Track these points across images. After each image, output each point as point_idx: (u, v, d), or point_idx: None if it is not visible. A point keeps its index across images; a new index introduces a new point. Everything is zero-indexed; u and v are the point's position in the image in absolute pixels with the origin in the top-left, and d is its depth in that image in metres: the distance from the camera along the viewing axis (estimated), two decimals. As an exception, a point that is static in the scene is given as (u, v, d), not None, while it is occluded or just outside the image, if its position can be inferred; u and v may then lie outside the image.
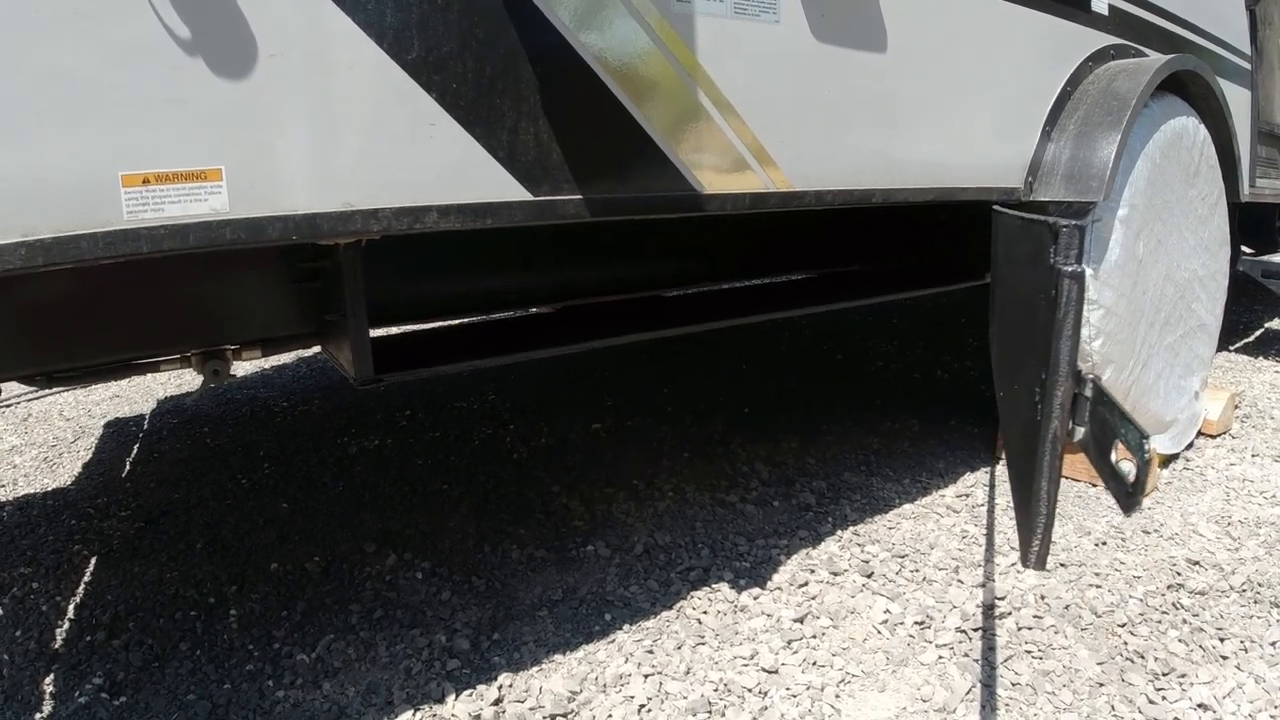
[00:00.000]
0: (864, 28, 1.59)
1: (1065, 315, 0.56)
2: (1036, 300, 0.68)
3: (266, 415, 3.22)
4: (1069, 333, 0.56)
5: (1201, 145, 2.43)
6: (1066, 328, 0.56)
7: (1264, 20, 3.46)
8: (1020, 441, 0.74)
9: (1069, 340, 0.55)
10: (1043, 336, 0.62)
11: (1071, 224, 0.59)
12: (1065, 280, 0.56)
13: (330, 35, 1.03)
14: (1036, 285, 0.67)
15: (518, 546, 1.98)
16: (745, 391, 3.28)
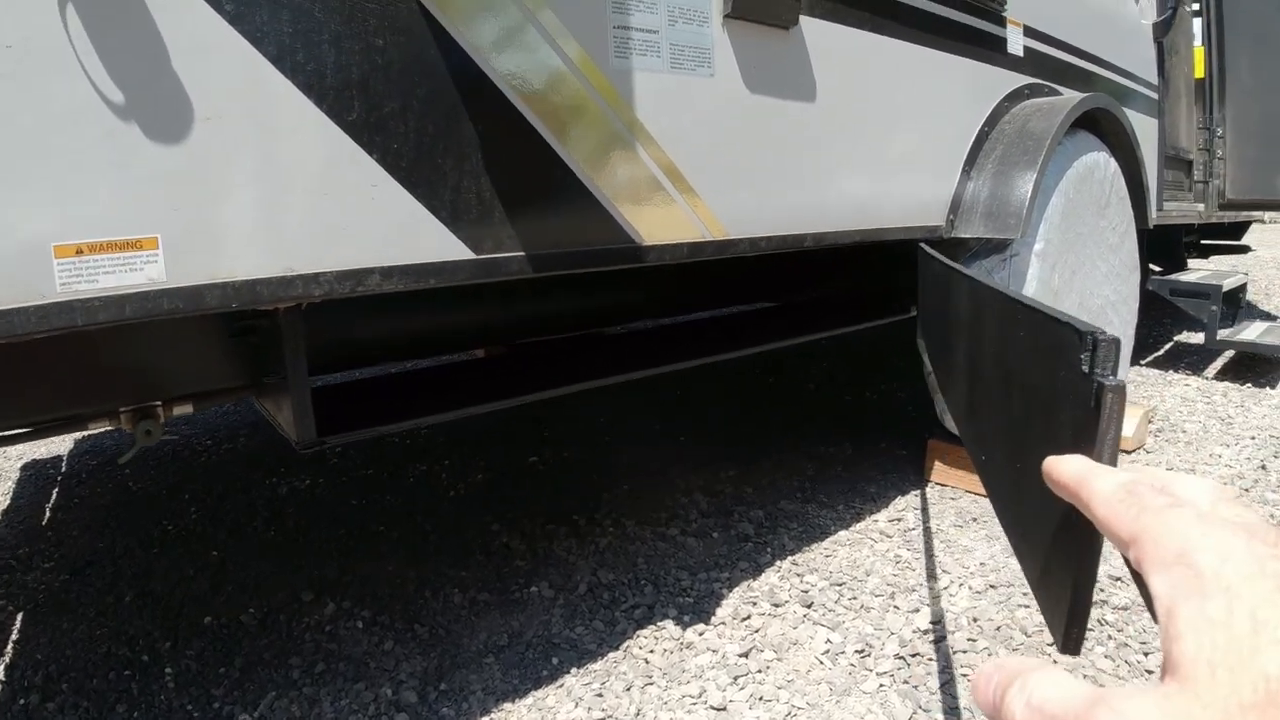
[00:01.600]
0: (794, 79, 1.64)
1: (1108, 426, 0.59)
2: (1061, 401, 0.70)
3: (190, 455, 3.13)
4: (1111, 440, 0.59)
5: (1112, 178, 2.55)
6: (1109, 437, 0.59)
7: (1171, 50, 3.66)
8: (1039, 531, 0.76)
9: (1112, 445, 0.59)
10: (1072, 436, 0.65)
11: (1109, 337, 0.61)
12: (1108, 394, 0.58)
13: (269, 97, 1.02)
14: (1062, 387, 0.69)
15: (459, 590, 1.97)
16: (682, 419, 3.31)
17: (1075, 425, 0.65)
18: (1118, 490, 0.43)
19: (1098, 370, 0.63)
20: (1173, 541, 0.37)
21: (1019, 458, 0.86)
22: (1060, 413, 0.70)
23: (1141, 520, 0.39)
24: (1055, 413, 0.72)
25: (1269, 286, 7.07)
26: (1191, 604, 0.33)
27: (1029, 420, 0.83)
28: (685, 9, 1.44)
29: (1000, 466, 0.98)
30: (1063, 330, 0.70)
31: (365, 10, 1.10)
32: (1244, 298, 4.31)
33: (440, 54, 1.17)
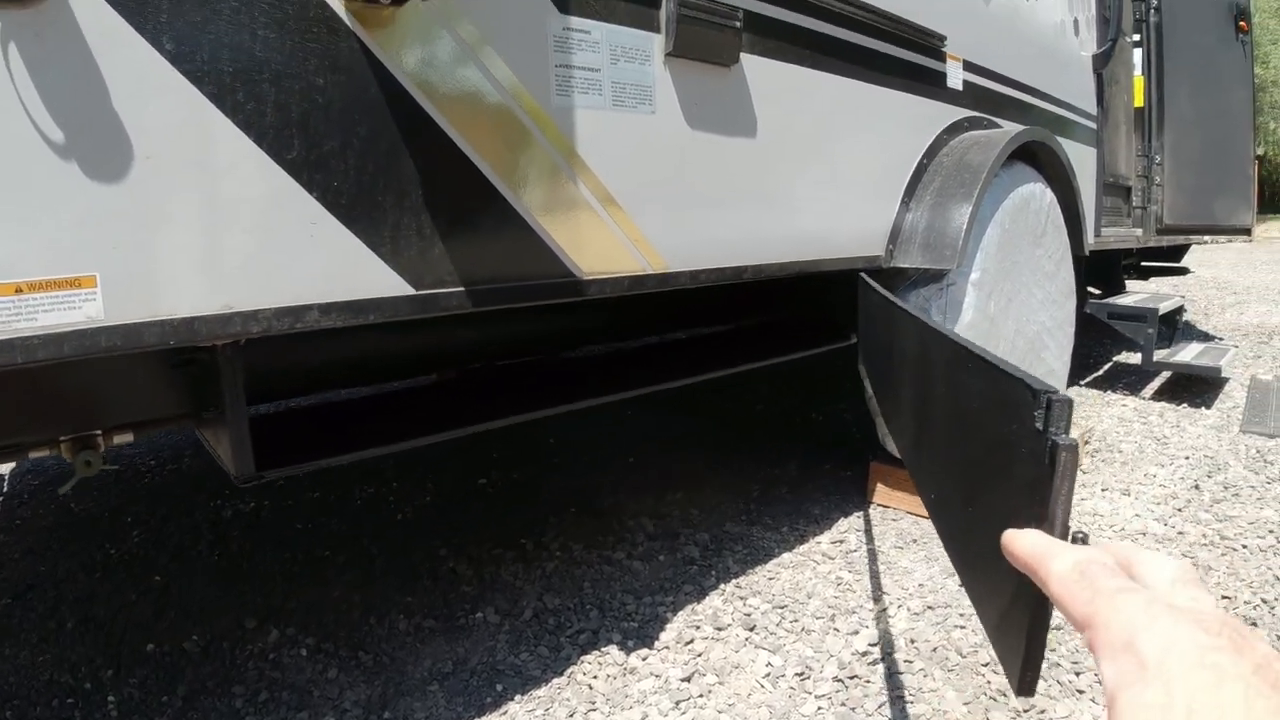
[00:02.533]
0: (736, 115, 1.69)
1: (1062, 483, 0.61)
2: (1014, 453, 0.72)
3: (134, 475, 3.09)
4: (1064, 496, 0.61)
5: (1048, 208, 2.64)
6: (1063, 494, 0.61)
7: (1111, 80, 3.78)
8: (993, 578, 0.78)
9: (1064, 501, 0.61)
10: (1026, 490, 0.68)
11: (1063, 398, 0.64)
12: (1061, 453, 0.61)
13: (210, 136, 1.03)
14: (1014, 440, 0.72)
15: (405, 616, 1.97)
16: (630, 439, 3.33)
17: (1029, 480, 0.67)
18: (1073, 571, 0.45)
19: (1051, 429, 0.65)
20: (1121, 629, 0.39)
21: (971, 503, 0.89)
22: (1013, 465, 0.72)
23: (1094, 604, 0.41)
24: (1008, 465, 0.74)
25: (1208, 306, 7.28)
26: (1133, 691, 0.36)
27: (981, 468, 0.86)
28: (627, 47, 1.47)
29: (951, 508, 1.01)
30: (1016, 386, 0.73)
31: (306, 49, 1.11)
32: (1181, 320, 4.45)
33: (381, 92, 1.19)
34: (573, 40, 1.39)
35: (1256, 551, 2.27)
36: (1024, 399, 0.68)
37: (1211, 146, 4.40)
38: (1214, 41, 4.35)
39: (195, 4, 1.00)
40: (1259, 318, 6.58)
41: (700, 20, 1.56)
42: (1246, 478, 2.85)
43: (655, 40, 1.52)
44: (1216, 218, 4.54)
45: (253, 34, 1.06)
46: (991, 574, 0.77)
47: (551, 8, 1.36)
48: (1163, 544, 2.32)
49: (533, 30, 1.34)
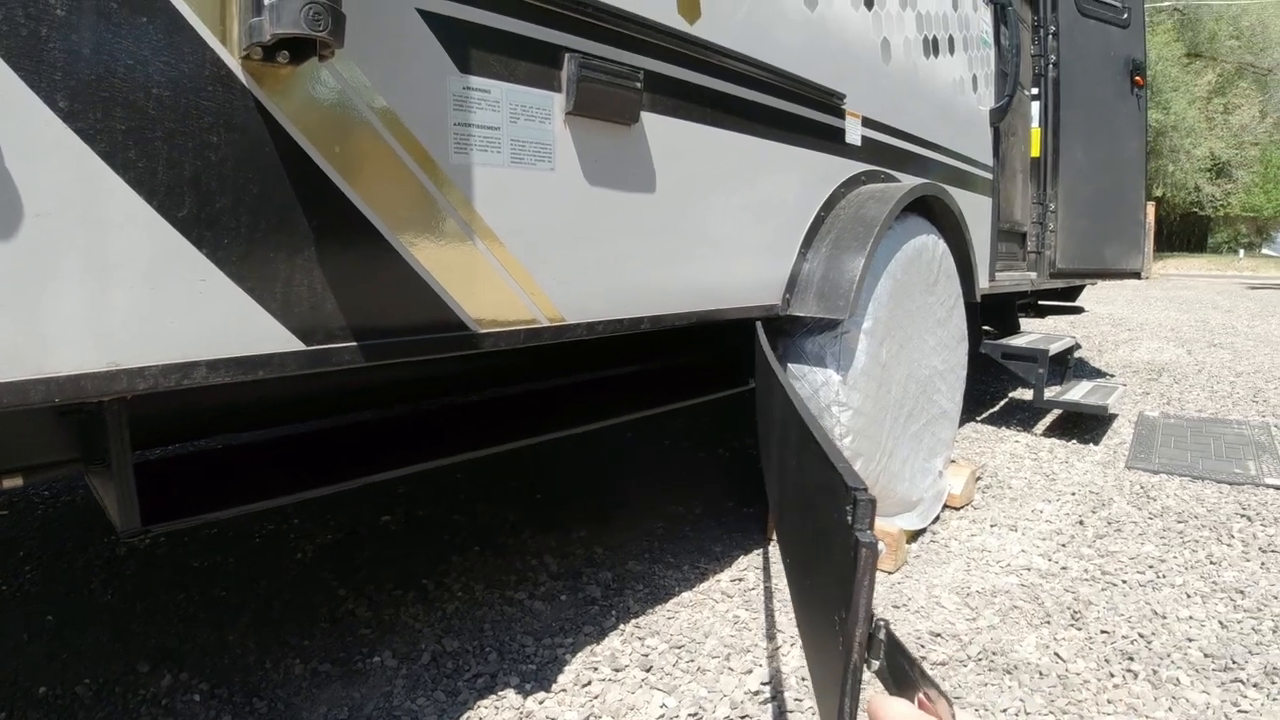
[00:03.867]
0: (636, 171, 1.74)
1: (863, 577, 0.66)
2: (835, 537, 0.77)
3: (26, 507, 2.99)
4: (866, 590, 0.66)
5: (941, 258, 2.76)
6: (864, 586, 0.66)
7: (1008, 133, 3.98)
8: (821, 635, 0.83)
9: (866, 595, 0.66)
10: (838, 578, 0.72)
11: (868, 498, 0.69)
12: (862, 549, 0.66)
13: (101, 194, 1.03)
14: (836, 525, 0.76)
15: (301, 660, 1.95)
16: (539, 475, 3.35)
17: (841, 566, 0.72)
18: None
19: (856, 526, 0.70)
20: None
21: (808, 577, 0.94)
22: (833, 551, 0.78)
23: None
24: (830, 549, 0.80)
25: (1102, 343, 7.64)
26: None
27: (814, 547, 0.91)
28: (527, 106, 1.51)
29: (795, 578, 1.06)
30: (835, 477, 0.78)
31: (201, 108, 1.12)
32: (1073, 358, 4.67)
33: (276, 150, 1.20)
34: (472, 99, 1.43)
35: (1136, 586, 2.38)
36: (840, 489, 0.73)
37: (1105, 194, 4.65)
38: (1110, 95, 4.61)
39: (91, 62, 1.01)
40: (1150, 354, 6.93)
41: (601, 81, 1.61)
42: (1129, 513, 3.00)
43: (556, 99, 1.56)
44: (1108, 261, 4.79)
45: (147, 92, 1.07)
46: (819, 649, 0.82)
47: (452, 68, 1.40)
48: (1046, 579, 2.43)
49: (433, 90, 1.37)
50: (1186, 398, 5.14)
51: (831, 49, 2.36)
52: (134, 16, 1.05)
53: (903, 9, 2.75)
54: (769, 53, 2.10)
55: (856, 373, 2.26)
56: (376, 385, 2.13)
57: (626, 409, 2.28)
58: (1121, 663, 1.98)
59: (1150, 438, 4.10)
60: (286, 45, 1.15)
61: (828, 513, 0.82)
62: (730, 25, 1.97)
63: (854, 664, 0.71)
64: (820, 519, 0.88)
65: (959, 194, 3.23)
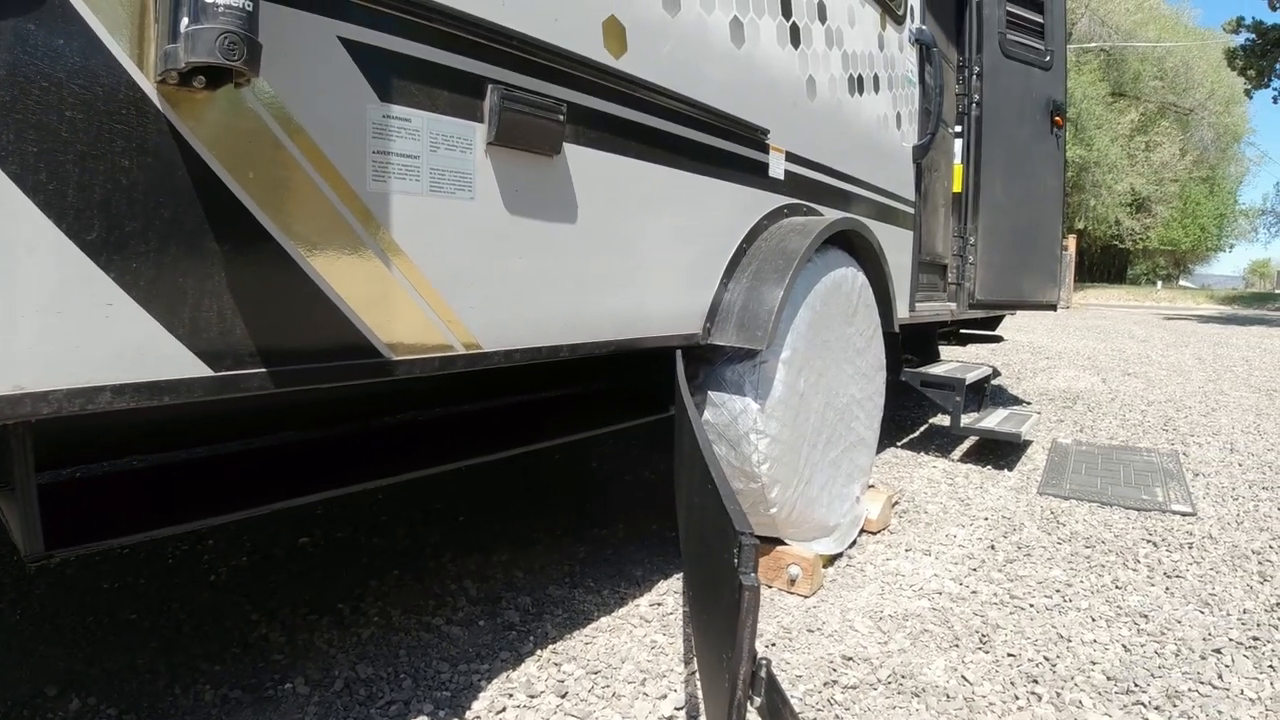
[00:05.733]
0: (557, 202, 1.77)
1: (746, 616, 0.69)
2: (725, 578, 0.80)
3: (-74, 526, 2.87)
4: (749, 629, 0.69)
5: (860, 289, 2.84)
6: (748, 626, 0.69)
7: (930, 168, 4.12)
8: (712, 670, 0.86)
9: (749, 634, 0.69)
10: (726, 615, 0.75)
11: (751, 541, 0.72)
12: (745, 592, 0.69)
13: (8, 215, 1.02)
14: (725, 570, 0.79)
15: (211, 686, 1.91)
16: (462, 496, 3.34)
17: (729, 604, 0.75)
18: None
19: (740, 568, 0.74)
20: None
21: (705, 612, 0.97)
22: (724, 589, 0.81)
23: None
24: (722, 588, 0.83)
25: (1020, 371, 7.89)
26: None
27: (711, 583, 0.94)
28: (448, 135, 1.53)
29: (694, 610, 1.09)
30: (725, 519, 0.81)
31: (113, 131, 1.12)
32: (989, 386, 4.83)
33: (189, 174, 1.20)
34: (392, 127, 1.44)
35: (1043, 610, 2.45)
36: (729, 531, 0.77)
37: (1023, 229, 4.83)
38: (1030, 133, 4.79)
39: (4, 84, 1.00)
40: (1066, 382, 7.18)
41: (523, 112, 1.63)
42: (1039, 538, 3.10)
43: (478, 129, 1.59)
44: (1025, 293, 4.96)
45: (60, 115, 1.06)
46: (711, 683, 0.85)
47: (373, 95, 1.41)
48: (956, 603, 2.50)
49: (351, 117, 1.38)
50: (1099, 425, 5.34)
51: (757, 85, 2.43)
52: (50, 38, 1.05)
53: (829, 48, 2.84)
54: (694, 88, 2.15)
55: (774, 401, 2.31)
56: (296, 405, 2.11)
57: (552, 434, 2.29)
58: (1026, 685, 2.03)
59: (1063, 464, 4.25)
60: (203, 71, 1.15)
61: (719, 553, 0.85)
62: (656, 60, 2.01)
63: (738, 700, 0.74)
64: (714, 558, 0.91)
65: (881, 227, 3.33)
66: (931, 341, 4.91)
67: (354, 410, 2.28)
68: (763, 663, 0.69)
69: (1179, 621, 2.38)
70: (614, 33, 1.89)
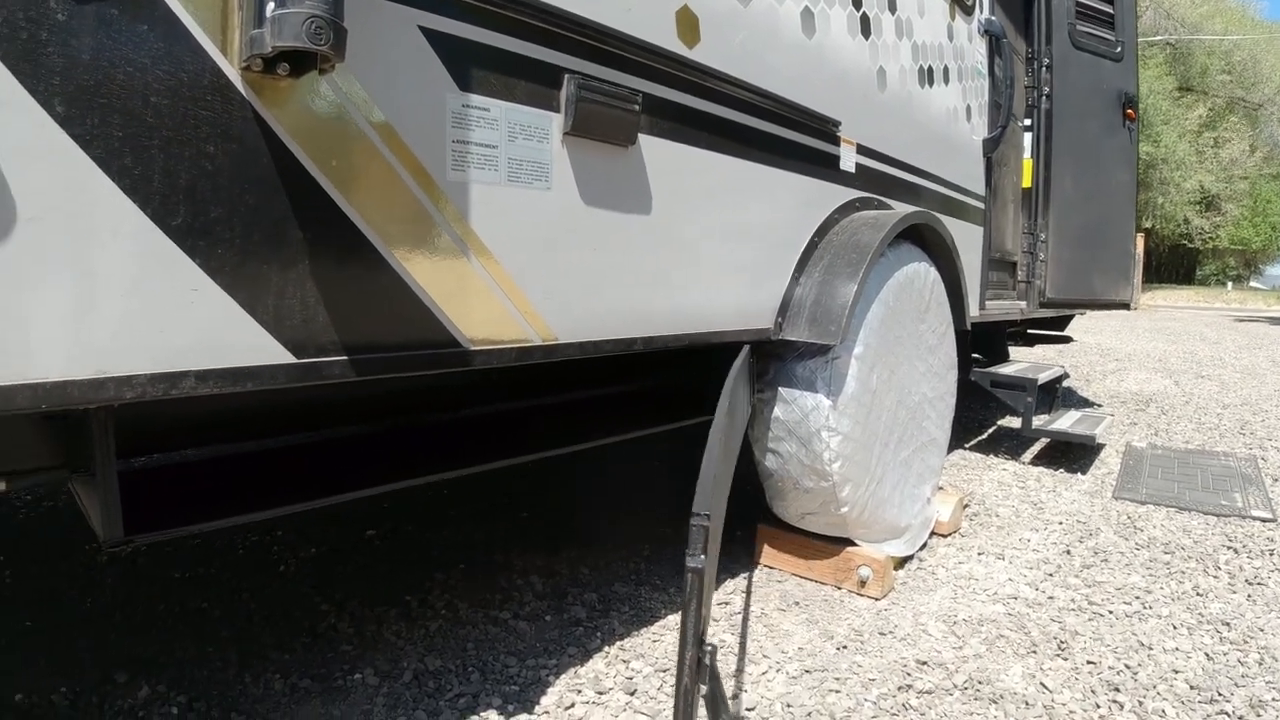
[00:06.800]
0: (632, 193, 1.75)
1: (690, 599, 0.67)
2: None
3: (8, 511, 2.95)
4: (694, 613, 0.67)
5: (932, 286, 2.78)
6: (692, 609, 0.67)
7: (1000, 163, 4.01)
8: None
9: (694, 618, 0.67)
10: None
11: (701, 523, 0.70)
12: (689, 575, 0.67)
13: (94, 200, 1.03)
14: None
15: (281, 675, 1.93)
16: (524, 493, 3.34)
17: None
18: None
19: (689, 550, 0.71)
20: None
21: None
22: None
23: None
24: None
25: (1090, 373, 7.68)
26: None
27: None
28: (526, 125, 1.52)
29: None
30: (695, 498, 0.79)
31: (198, 117, 1.12)
32: (1061, 387, 4.69)
33: (273, 161, 1.20)
34: (471, 117, 1.43)
35: (1122, 617, 2.38)
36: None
37: (1095, 225, 4.69)
38: (1101, 127, 4.65)
39: (89, 68, 1.01)
40: (1137, 385, 6.97)
41: (599, 102, 1.62)
42: (1116, 543, 3.01)
43: (554, 119, 1.57)
44: (1097, 291, 4.81)
45: (145, 100, 1.07)
46: None
47: (452, 85, 1.40)
48: (1033, 608, 2.43)
49: (432, 106, 1.37)
50: (1173, 429, 5.17)
51: (828, 76, 2.38)
52: (134, 24, 1.05)
53: (899, 38, 2.78)
54: (766, 78, 2.12)
55: (847, 398, 2.26)
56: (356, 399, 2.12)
57: (615, 430, 2.27)
58: (1107, 694, 1.98)
59: (1137, 468, 4.12)
60: (287, 57, 1.15)
61: None
62: (729, 50, 1.98)
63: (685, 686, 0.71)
64: None
65: (951, 222, 3.25)
66: (1000, 341, 4.79)
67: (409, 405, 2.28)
68: (708, 649, 0.66)
69: (1262, 629, 2.31)
70: (687, 23, 1.86)
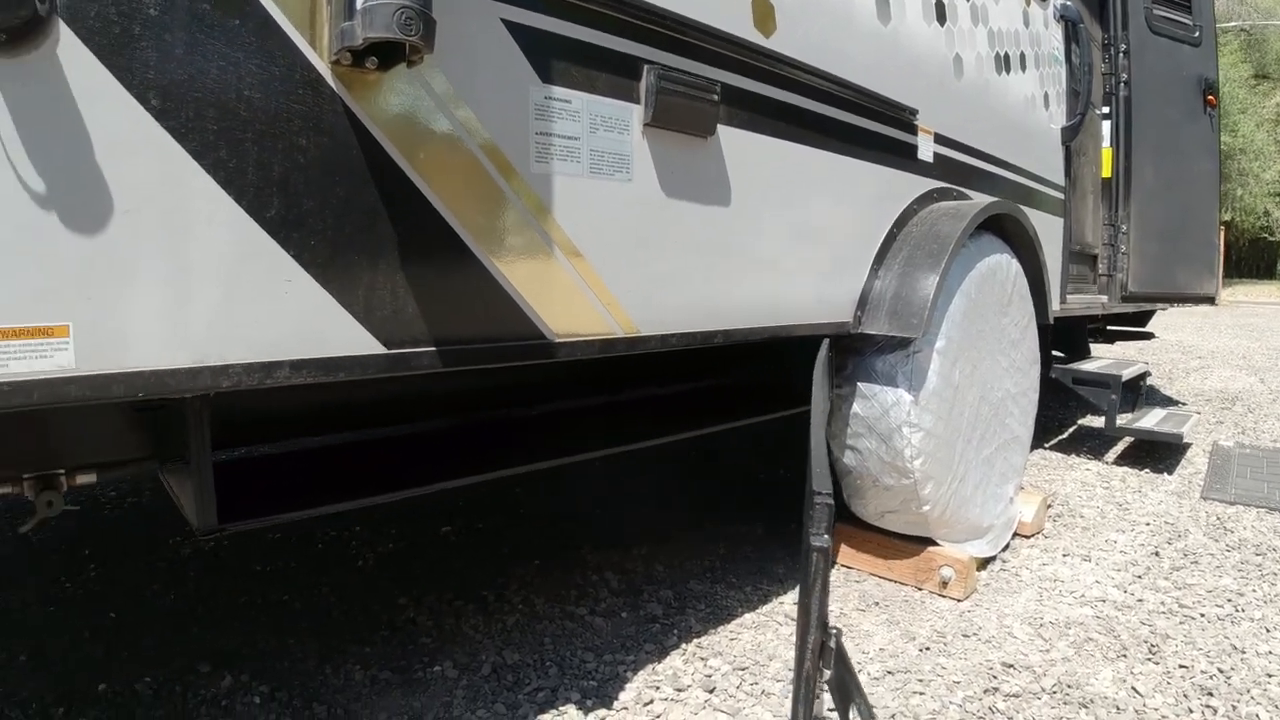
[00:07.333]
0: (712, 183, 1.73)
1: (814, 581, 0.64)
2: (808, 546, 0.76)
3: (93, 506, 3.05)
4: (818, 595, 0.64)
5: (1014, 278, 2.70)
6: (815, 591, 0.64)
7: (1079, 152, 3.89)
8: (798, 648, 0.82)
9: (818, 600, 0.64)
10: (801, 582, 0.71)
11: (825, 501, 0.67)
12: (814, 554, 0.64)
13: (189, 192, 1.04)
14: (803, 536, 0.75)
15: (361, 667, 1.95)
16: (597, 491, 3.33)
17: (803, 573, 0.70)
18: None
19: (811, 528, 0.68)
20: None
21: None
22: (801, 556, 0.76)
23: None
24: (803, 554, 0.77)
25: (1172, 371, 7.42)
26: None
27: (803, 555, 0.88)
28: (607, 117, 1.51)
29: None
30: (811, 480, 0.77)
31: (291, 110, 1.13)
32: (1144, 385, 4.53)
33: (363, 154, 1.21)
34: (554, 109, 1.42)
35: (1214, 620, 2.30)
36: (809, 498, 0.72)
37: (1177, 216, 4.52)
38: (1182, 114, 4.48)
39: (183, 62, 1.02)
40: (1222, 383, 6.70)
41: (679, 93, 1.60)
42: (1206, 545, 2.89)
43: (634, 111, 1.56)
44: (1181, 285, 4.64)
45: (239, 94, 1.08)
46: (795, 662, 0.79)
47: (535, 77, 1.40)
48: (1122, 611, 2.34)
49: (515, 98, 1.37)
50: (1261, 427, 4.96)
51: (904, 64, 2.33)
52: (226, 18, 1.06)
53: (974, 25, 2.71)
54: (843, 67, 2.08)
55: (928, 393, 2.20)
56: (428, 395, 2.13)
57: (686, 426, 2.25)
58: (1200, 698, 1.91)
59: (1225, 468, 3.96)
60: (375, 51, 1.16)
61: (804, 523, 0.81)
62: (805, 39, 1.95)
63: (807, 671, 0.69)
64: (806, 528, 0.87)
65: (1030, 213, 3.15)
66: (1081, 337, 4.64)
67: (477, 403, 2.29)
68: (833, 632, 0.63)
69: (1357, 633, 2.20)
70: (763, 11, 1.84)
